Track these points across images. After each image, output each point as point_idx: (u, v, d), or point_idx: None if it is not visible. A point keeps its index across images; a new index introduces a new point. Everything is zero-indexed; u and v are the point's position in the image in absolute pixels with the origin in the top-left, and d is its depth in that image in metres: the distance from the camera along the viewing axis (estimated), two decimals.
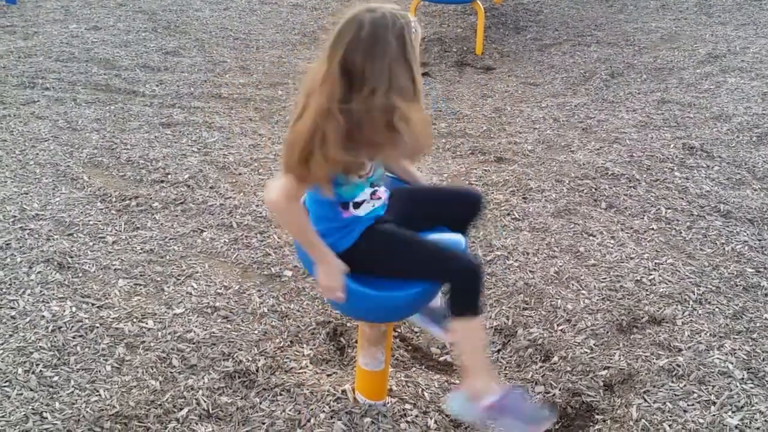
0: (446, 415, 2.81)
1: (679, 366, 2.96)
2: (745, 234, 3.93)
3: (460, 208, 2.62)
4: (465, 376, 2.46)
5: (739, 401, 2.79)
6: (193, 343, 3.10)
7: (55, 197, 4.23)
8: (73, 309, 3.26)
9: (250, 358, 3.03)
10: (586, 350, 3.11)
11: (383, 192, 2.50)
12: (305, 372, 2.99)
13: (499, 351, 3.18)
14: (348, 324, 3.30)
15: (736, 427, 2.69)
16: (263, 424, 2.72)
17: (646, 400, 2.81)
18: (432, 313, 2.74)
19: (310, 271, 2.48)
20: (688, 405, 2.78)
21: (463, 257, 2.37)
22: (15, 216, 4.00)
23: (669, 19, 8.02)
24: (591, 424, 2.77)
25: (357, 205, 2.42)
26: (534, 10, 8.59)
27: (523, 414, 2.40)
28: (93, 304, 3.31)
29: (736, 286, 3.51)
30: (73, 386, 2.84)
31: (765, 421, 2.69)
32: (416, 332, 3.32)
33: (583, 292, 3.49)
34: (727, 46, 6.95)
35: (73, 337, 3.09)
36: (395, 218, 2.50)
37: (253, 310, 3.37)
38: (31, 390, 2.80)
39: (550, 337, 3.20)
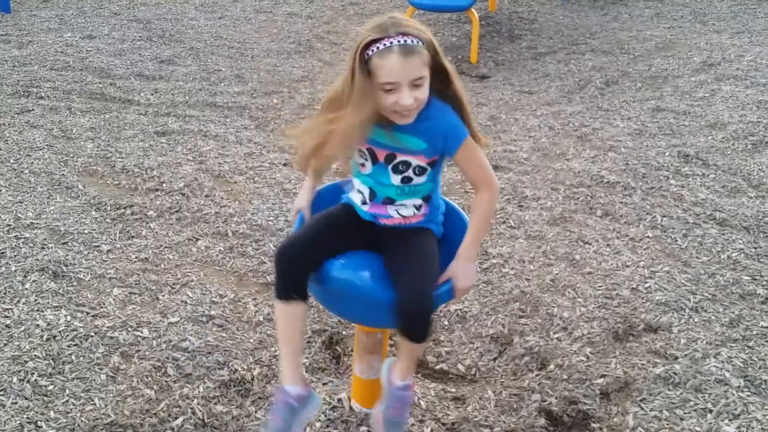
0: (442, 424, 2.80)
1: (675, 374, 2.96)
2: (741, 242, 3.93)
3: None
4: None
5: (735, 409, 2.78)
6: (189, 352, 3.09)
7: (50, 206, 4.22)
8: (68, 318, 3.25)
9: (246, 367, 3.02)
10: (582, 358, 3.10)
11: None
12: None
13: (495, 359, 3.18)
14: (344, 332, 3.29)
15: None
16: None
17: (642, 408, 2.81)
18: None
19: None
20: (684, 413, 2.78)
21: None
22: (10, 225, 3.98)
23: (663, 27, 8.04)
24: None
25: None
26: (528, 18, 8.61)
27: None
28: (88, 313, 3.30)
29: (732, 293, 3.51)
30: (68, 395, 2.82)
31: (762, 429, 2.69)
32: None
33: (579, 299, 3.49)
34: (721, 54, 6.97)
35: (68, 346, 3.08)
36: None
37: (248, 318, 3.37)
38: (26, 399, 2.79)
39: (546, 345, 3.20)
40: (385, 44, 2.18)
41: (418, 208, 2.47)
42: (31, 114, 5.54)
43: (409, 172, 2.40)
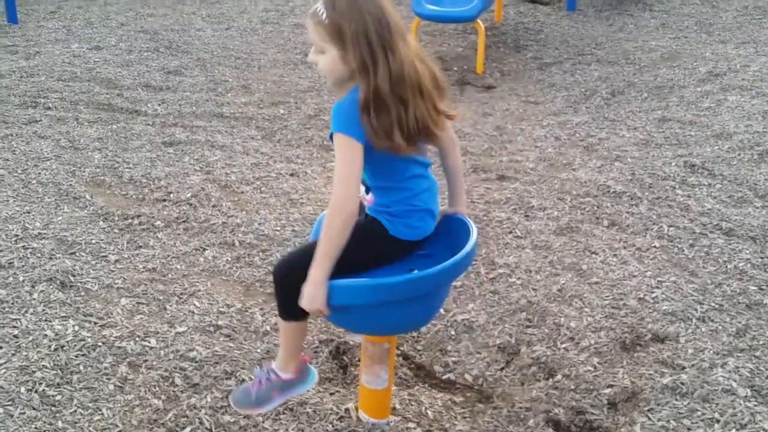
0: None
1: (682, 384, 2.95)
2: (748, 252, 3.93)
3: None
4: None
5: (742, 419, 2.78)
6: (196, 362, 3.10)
7: (58, 216, 4.24)
8: (76, 328, 3.26)
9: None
10: (589, 368, 3.10)
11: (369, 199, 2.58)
12: (308, 391, 2.98)
13: (502, 369, 3.18)
14: (351, 342, 3.30)
15: None
16: None
17: (650, 419, 2.80)
18: None
19: None
20: (692, 423, 2.77)
21: None
22: (17, 235, 4.00)
23: (669, 37, 8.05)
24: None
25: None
26: (534, 29, 8.63)
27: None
28: (95, 323, 3.31)
29: (739, 303, 3.50)
30: (75, 405, 2.83)
31: None
32: (419, 350, 3.32)
33: (586, 309, 3.49)
34: (727, 64, 6.97)
35: (76, 356, 3.08)
36: None
37: (255, 328, 3.37)
38: (34, 409, 2.80)
39: (553, 355, 3.20)
40: None
41: (366, 191, 2.56)
42: (39, 124, 5.57)
43: None
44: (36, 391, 2.88)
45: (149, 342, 3.21)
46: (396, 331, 2.76)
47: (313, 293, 2.33)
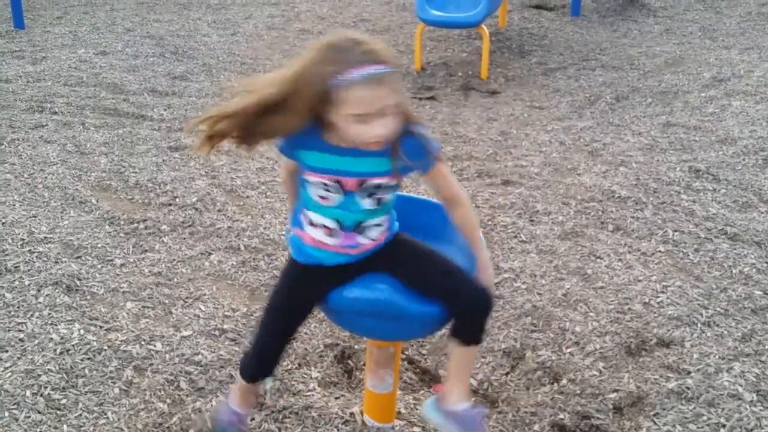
0: None
1: (688, 388, 2.96)
2: (753, 256, 3.93)
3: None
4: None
5: (748, 424, 2.78)
6: (201, 366, 3.10)
7: (64, 220, 4.25)
8: (81, 331, 3.27)
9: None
10: (594, 373, 3.10)
11: (361, 239, 2.39)
12: (313, 395, 2.99)
13: (507, 374, 3.18)
14: (356, 346, 3.30)
15: None
16: None
17: (655, 423, 2.80)
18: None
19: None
20: (697, 428, 2.77)
21: None
22: (23, 239, 4.01)
23: (673, 43, 8.05)
24: None
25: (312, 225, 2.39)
26: (539, 34, 8.63)
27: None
28: (101, 327, 3.32)
29: (744, 308, 3.50)
30: (81, 409, 2.84)
31: None
32: (424, 355, 3.32)
33: (591, 314, 3.49)
34: (731, 69, 6.97)
35: (81, 360, 3.09)
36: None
37: None
38: (39, 413, 2.81)
39: (558, 360, 3.20)
40: (359, 74, 2.04)
41: (379, 225, 2.38)
42: (45, 129, 5.59)
43: (380, 193, 2.31)
44: (41, 395, 2.89)
45: (155, 346, 3.22)
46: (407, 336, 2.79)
47: (493, 273, 2.44)
